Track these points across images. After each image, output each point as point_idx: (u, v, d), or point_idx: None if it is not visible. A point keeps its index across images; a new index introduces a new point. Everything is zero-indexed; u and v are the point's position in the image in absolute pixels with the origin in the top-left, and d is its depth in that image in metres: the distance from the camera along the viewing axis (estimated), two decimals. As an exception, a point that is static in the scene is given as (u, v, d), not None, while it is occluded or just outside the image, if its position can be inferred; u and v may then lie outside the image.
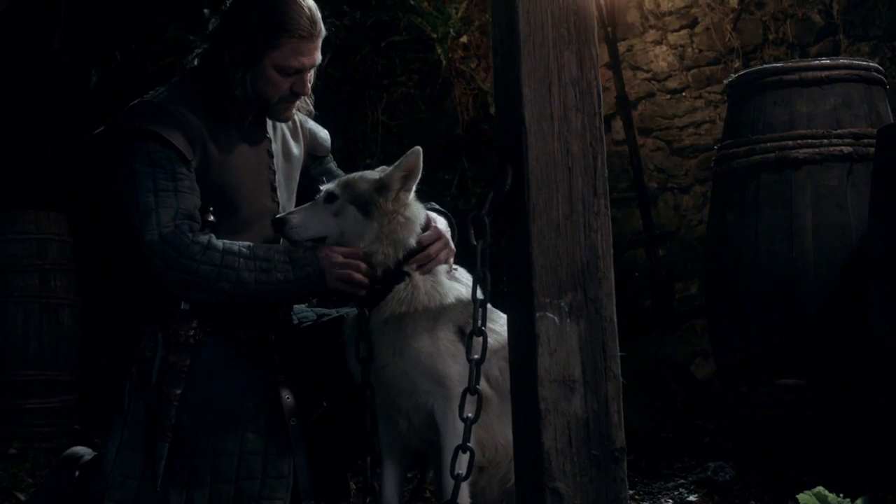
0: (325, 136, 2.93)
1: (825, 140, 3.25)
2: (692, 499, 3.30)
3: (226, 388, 2.53)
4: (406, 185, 2.47)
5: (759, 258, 3.28)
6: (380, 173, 2.52)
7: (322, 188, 2.56)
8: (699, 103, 5.22)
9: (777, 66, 3.43)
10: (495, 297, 1.98)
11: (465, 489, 2.33)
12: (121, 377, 2.55)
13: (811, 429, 3.20)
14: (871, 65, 3.39)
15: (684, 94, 5.28)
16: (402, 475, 2.60)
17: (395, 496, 2.54)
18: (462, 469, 2.04)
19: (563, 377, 1.84)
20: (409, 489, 3.09)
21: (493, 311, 2.41)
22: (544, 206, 1.86)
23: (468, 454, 2.01)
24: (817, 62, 3.37)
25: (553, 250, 1.86)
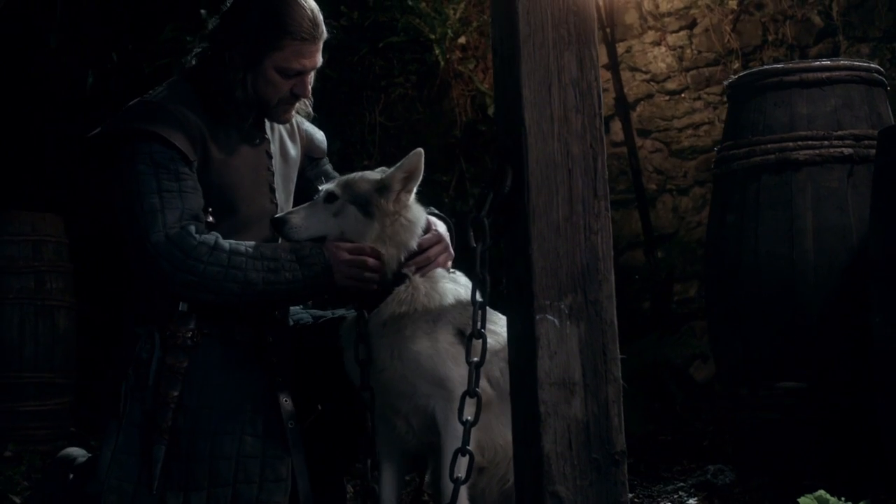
0: (321, 137, 2.93)
1: (826, 142, 3.24)
2: (692, 502, 3.29)
3: (223, 391, 2.51)
4: (407, 187, 2.47)
5: (760, 260, 3.27)
6: (381, 174, 2.51)
7: (321, 188, 2.54)
8: (698, 105, 5.22)
9: (777, 67, 3.42)
10: (495, 300, 1.97)
11: (463, 492, 2.31)
12: (116, 379, 2.53)
13: (812, 431, 3.19)
14: (872, 66, 3.38)
15: (683, 95, 5.28)
16: (401, 478, 2.59)
17: (394, 499, 2.52)
18: (462, 472, 2.02)
19: (564, 380, 1.83)
20: (408, 491, 3.08)
21: (493, 313, 2.40)
22: (544, 207, 1.85)
23: (468, 457, 2.00)
24: (818, 63, 3.36)
25: (553, 252, 1.85)
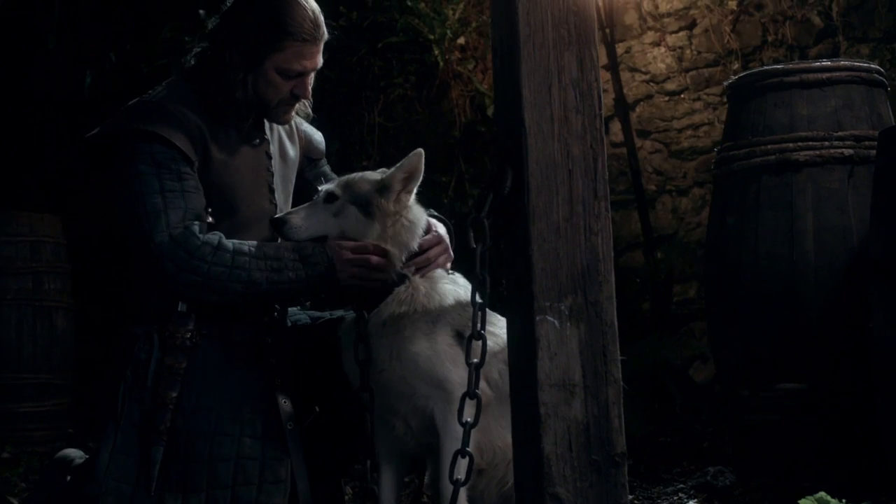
0: (319, 138, 2.92)
1: (826, 142, 3.23)
2: (692, 504, 3.29)
3: (222, 392, 2.50)
4: (407, 187, 2.46)
5: (760, 261, 3.26)
6: (381, 174, 2.50)
7: (321, 188, 2.53)
8: (698, 105, 5.21)
9: (778, 67, 3.41)
10: (494, 301, 1.96)
11: (462, 494, 2.31)
12: (114, 380, 2.52)
13: (812, 433, 3.18)
14: (873, 66, 3.37)
15: (683, 95, 5.27)
16: (400, 480, 2.58)
17: (393, 500, 2.52)
18: (462, 474, 2.02)
19: (564, 381, 1.83)
20: (408, 493, 3.07)
21: (492, 315, 2.39)
22: (544, 208, 1.84)
23: (468, 459, 1.99)
24: (818, 64, 3.35)
25: (553, 253, 1.84)
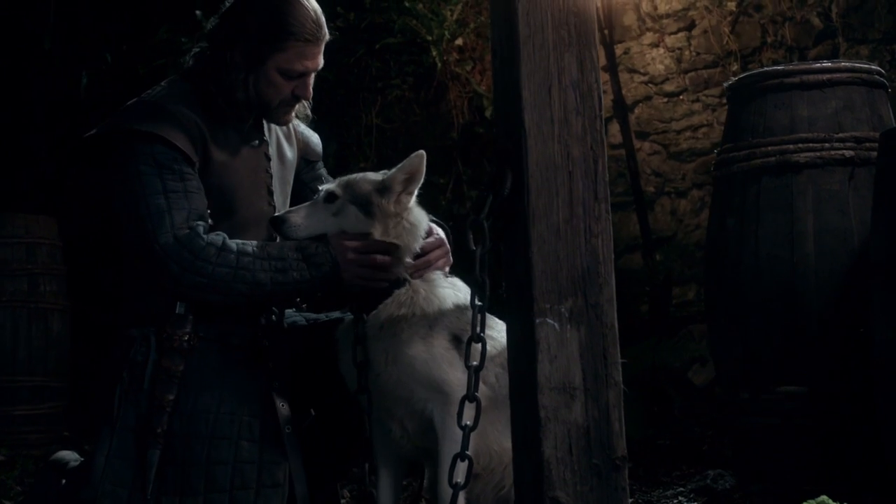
0: (317, 140, 2.92)
1: (827, 144, 3.21)
2: (691, 507, 3.28)
3: (220, 395, 2.48)
4: (408, 189, 2.46)
5: (760, 263, 3.25)
6: (382, 175, 2.49)
7: (321, 188, 2.53)
8: (697, 107, 5.20)
9: (778, 68, 3.39)
10: (493, 303, 1.95)
11: (461, 497, 2.29)
12: (110, 382, 2.50)
13: (813, 436, 3.17)
14: (874, 68, 3.35)
15: (682, 97, 5.26)
16: (398, 483, 2.57)
17: (391, 504, 2.50)
18: (460, 477, 2.00)
19: (564, 384, 1.82)
20: (406, 496, 3.06)
21: (491, 318, 2.38)
22: (544, 210, 1.83)
23: (467, 462, 1.98)
24: (818, 65, 3.34)
25: (553, 255, 1.83)
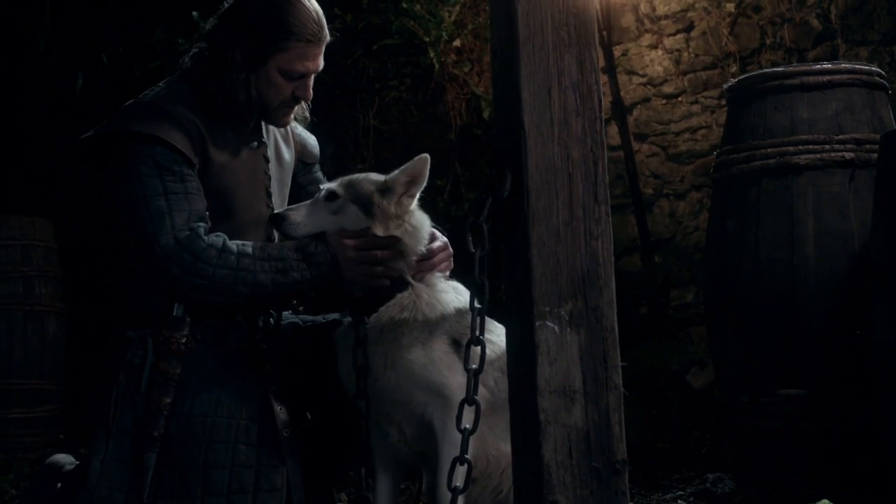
0: (314, 143, 2.92)
1: (827, 146, 3.21)
2: (691, 511, 3.27)
3: (217, 398, 2.47)
4: (409, 191, 2.45)
5: (760, 266, 3.23)
6: (384, 176, 2.49)
7: (323, 186, 2.52)
8: (695, 108, 5.19)
9: (778, 70, 3.38)
10: (493, 306, 1.94)
11: (460, 501, 2.28)
12: (106, 385, 2.49)
13: (813, 440, 3.16)
14: (874, 69, 3.34)
15: (680, 98, 5.25)
16: (396, 487, 2.57)
17: (389, 508, 2.49)
18: (459, 481, 1.98)
19: (564, 387, 1.80)
20: (404, 499, 3.04)
21: (490, 322, 2.37)
22: (544, 212, 1.82)
23: (465, 466, 1.96)
24: (819, 66, 3.33)
25: (553, 258, 1.82)
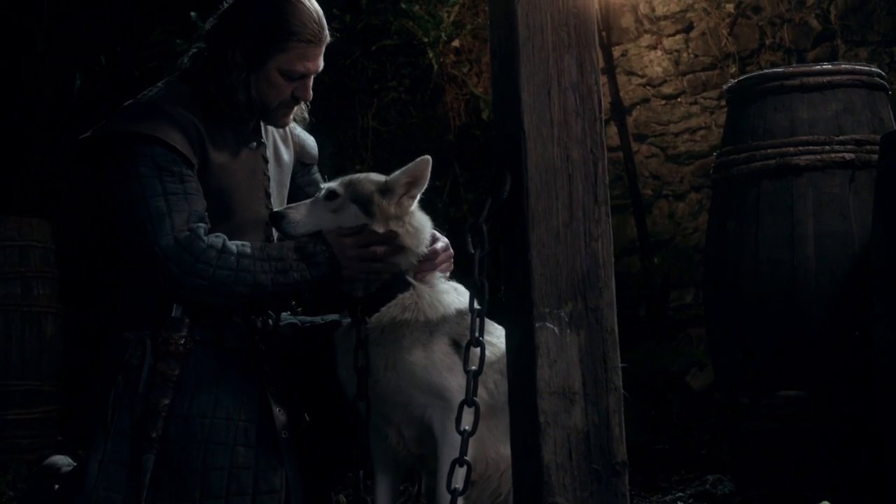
0: (312, 143, 2.92)
1: (827, 146, 3.20)
2: (691, 512, 3.26)
3: (215, 399, 2.47)
4: (410, 192, 2.45)
5: (760, 267, 3.23)
6: (386, 176, 2.48)
7: (324, 185, 2.52)
8: (695, 109, 5.19)
9: (778, 70, 3.38)
10: (492, 307, 1.93)
11: (459, 503, 2.27)
12: (104, 387, 2.48)
13: (813, 441, 3.15)
14: (874, 70, 3.34)
15: (679, 99, 5.24)
16: (396, 488, 2.56)
17: (389, 510, 2.49)
18: (459, 483, 1.98)
19: (563, 389, 1.80)
20: (403, 501, 3.04)
21: (489, 324, 2.38)
22: (544, 213, 1.82)
23: (465, 468, 1.95)
24: (819, 67, 3.33)
25: (553, 259, 1.81)
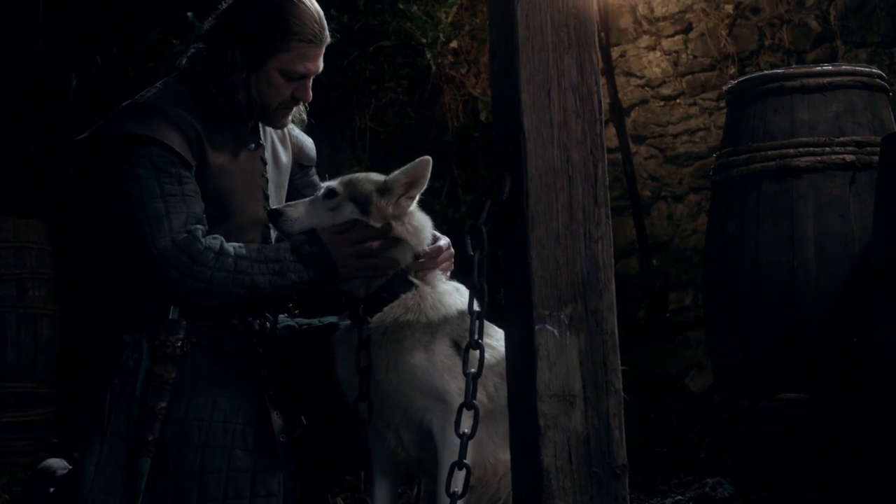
0: (311, 145, 2.91)
1: (827, 148, 3.20)
2: (691, 516, 3.25)
3: (212, 403, 2.45)
4: (409, 192, 2.44)
5: (760, 269, 3.22)
6: (386, 176, 2.47)
7: (323, 184, 2.52)
8: (693, 110, 5.18)
9: (778, 72, 3.38)
10: (492, 310, 1.92)
11: (460, 506, 2.27)
12: (100, 389, 2.47)
13: (813, 444, 3.15)
14: (875, 71, 3.34)
15: (678, 100, 5.24)
16: (394, 491, 2.55)
17: (388, 512, 2.48)
18: (458, 486, 1.98)
19: (563, 392, 1.80)
20: (401, 504, 3.03)
21: (490, 326, 2.37)
22: (543, 215, 1.81)
23: (465, 471, 1.95)
24: (819, 68, 3.32)
25: (553, 261, 1.81)
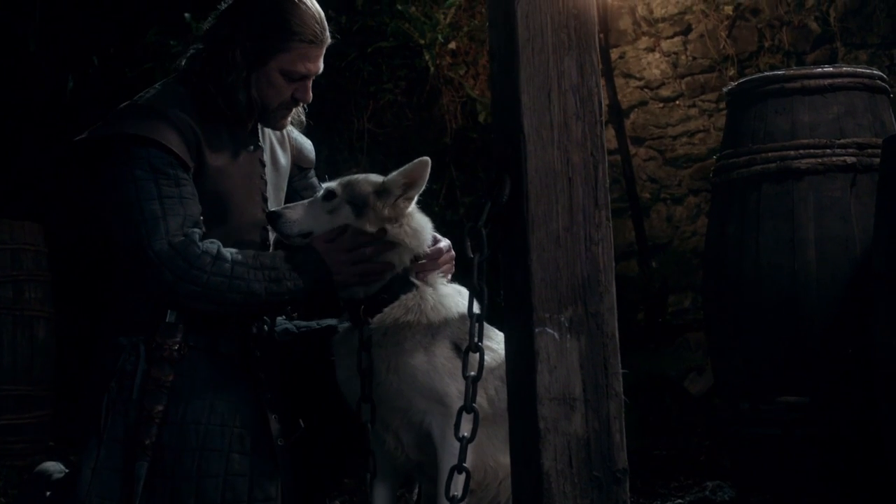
0: (310, 147, 2.91)
1: (828, 150, 3.19)
2: (691, 519, 3.24)
3: (210, 406, 2.44)
4: (407, 194, 2.43)
5: (760, 271, 3.22)
6: (384, 178, 2.46)
7: (323, 185, 2.51)
8: (693, 112, 5.18)
9: (778, 73, 3.37)
10: (492, 312, 1.91)
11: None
12: (97, 392, 2.45)
13: (814, 447, 3.14)
14: (875, 73, 3.33)
15: (678, 102, 5.24)
16: (393, 494, 2.54)
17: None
18: (458, 490, 1.97)
19: (564, 395, 1.79)
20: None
21: (490, 329, 2.37)
22: (543, 217, 1.81)
23: (464, 475, 1.93)
24: (820, 70, 3.31)
25: (553, 263, 1.80)
